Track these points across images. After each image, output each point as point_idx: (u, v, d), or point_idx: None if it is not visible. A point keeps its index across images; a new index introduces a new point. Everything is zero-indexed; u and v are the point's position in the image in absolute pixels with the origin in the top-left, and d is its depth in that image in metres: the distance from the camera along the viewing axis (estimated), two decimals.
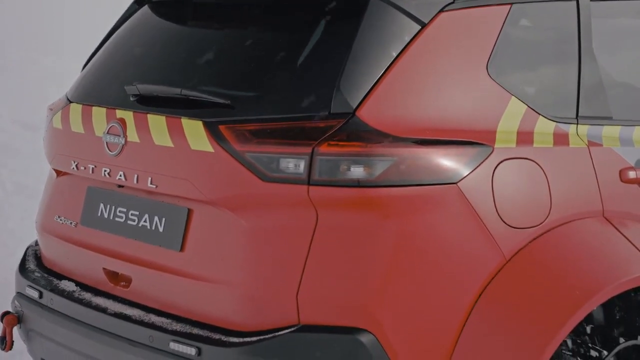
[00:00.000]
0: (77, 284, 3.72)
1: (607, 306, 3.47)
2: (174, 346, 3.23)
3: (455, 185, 3.17)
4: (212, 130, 3.23)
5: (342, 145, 3.09)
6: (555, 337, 3.15)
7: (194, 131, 3.27)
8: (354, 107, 3.13)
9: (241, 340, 3.14)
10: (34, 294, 3.77)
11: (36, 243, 4.17)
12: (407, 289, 3.11)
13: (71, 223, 3.79)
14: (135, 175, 3.45)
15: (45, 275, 3.87)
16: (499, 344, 3.18)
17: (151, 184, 3.40)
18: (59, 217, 3.86)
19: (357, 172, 3.09)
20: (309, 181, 3.10)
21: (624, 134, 3.67)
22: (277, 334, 3.10)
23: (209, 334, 3.21)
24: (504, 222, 3.24)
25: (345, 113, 3.13)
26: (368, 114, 3.14)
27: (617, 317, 3.48)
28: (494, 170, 3.24)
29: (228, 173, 3.20)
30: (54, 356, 3.78)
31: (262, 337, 3.12)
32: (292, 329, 3.10)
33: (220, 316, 3.24)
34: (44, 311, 3.72)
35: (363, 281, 3.08)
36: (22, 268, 3.97)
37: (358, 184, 3.08)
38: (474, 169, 3.20)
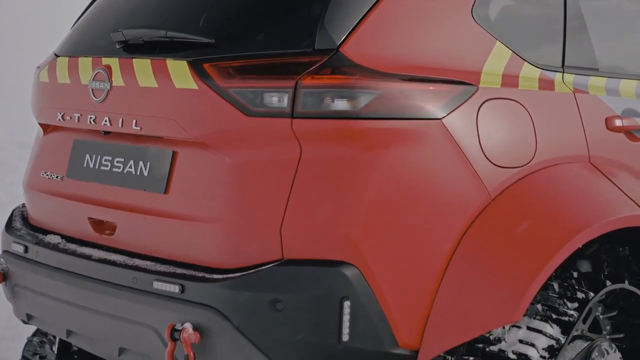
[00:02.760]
0: (63, 236, 3.70)
1: (593, 256, 3.46)
2: (158, 285, 3.21)
3: (439, 121, 3.16)
4: (197, 69, 3.23)
5: (325, 78, 3.09)
6: (540, 273, 3.13)
7: (179, 71, 3.28)
8: (338, 43, 3.14)
9: (224, 276, 3.12)
10: (19, 249, 3.76)
11: (23, 205, 4.16)
12: (391, 223, 3.10)
13: (57, 177, 3.78)
14: (120, 119, 3.45)
15: (31, 232, 3.85)
16: (483, 280, 3.16)
17: (136, 126, 3.39)
18: (45, 172, 3.85)
19: (340, 104, 3.08)
20: (292, 114, 3.10)
21: (610, 85, 3.69)
22: (260, 268, 3.08)
23: (193, 272, 3.19)
24: (489, 160, 3.23)
25: (329, 49, 3.13)
26: (352, 51, 3.14)
27: (605, 265, 3.47)
28: (479, 109, 3.24)
29: (212, 109, 3.20)
30: (38, 308, 3.75)
31: (245, 272, 3.10)
32: (276, 263, 3.08)
33: (204, 256, 3.22)
34: (29, 264, 3.70)
35: (346, 214, 3.07)
36: (8, 227, 3.96)
37: (341, 116, 3.07)
38: (458, 106, 3.20)
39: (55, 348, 4.40)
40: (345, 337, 3.04)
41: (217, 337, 3.10)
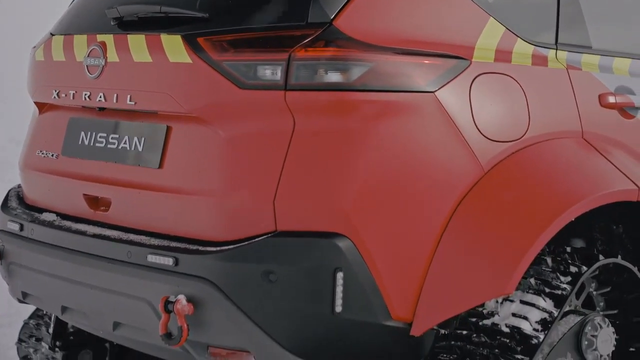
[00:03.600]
0: (58, 214, 3.72)
1: (587, 233, 3.47)
2: (152, 258, 3.22)
3: (432, 94, 3.18)
4: (191, 43, 3.25)
5: (319, 51, 3.11)
6: (532, 245, 3.14)
7: (173, 45, 3.29)
8: (331, 16, 3.15)
9: (218, 248, 3.13)
10: (15, 227, 3.77)
11: (19, 186, 4.17)
12: (384, 195, 3.11)
13: (52, 155, 3.80)
14: (115, 95, 3.46)
15: (27, 210, 3.86)
16: (476, 252, 3.17)
17: (130, 101, 3.41)
18: (40, 151, 3.87)
19: (333, 76, 3.10)
20: (285, 87, 3.11)
21: (603, 62, 3.70)
22: (253, 240, 3.09)
23: (186, 245, 3.20)
24: (481, 133, 3.24)
25: (322, 22, 3.15)
26: (345, 24, 3.15)
27: (598, 242, 3.48)
28: (472, 83, 3.25)
29: (206, 83, 3.21)
30: (34, 285, 3.76)
31: (238, 244, 3.11)
32: (269, 235, 3.09)
33: (198, 229, 3.23)
34: (24, 242, 3.71)
35: (339, 186, 3.08)
36: (4, 206, 3.97)
37: (334, 88, 3.09)
38: (452, 80, 3.22)
39: (51, 330, 4.41)
40: (339, 309, 3.05)
41: (210, 308, 3.11)
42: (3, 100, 12.57)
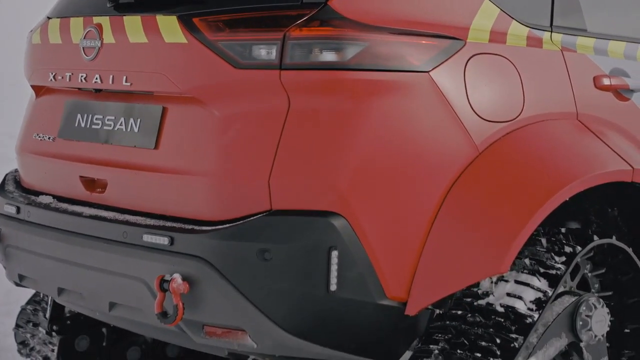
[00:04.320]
0: (55, 197, 3.73)
1: (582, 215, 3.48)
2: (147, 238, 3.23)
3: (427, 74, 3.19)
4: (186, 23, 3.26)
5: (313, 30, 3.12)
6: (527, 224, 3.14)
7: (168, 25, 3.30)
8: None
9: (213, 227, 3.13)
10: (12, 210, 3.78)
11: (16, 170, 4.18)
12: (378, 174, 3.12)
13: (49, 138, 3.81)
14: (111, 76, 3.47)
15: (24, 193, 3.87)
16: (471, 232, 3.18)
17: (126, 82, 3.42)
18: (37, 134, 3.88)
19: (328, 56, 3.11)
20: (280, 66, 3.12)
21: (598, 45, 3.71)
22: (248, 219, 3.10)
23: (182, 225, 3.21)
24: (476, 114, 3.25)
25: (318, 2, 3.16)
26: (340, 4, 3.16)
27: (593, 224, 3.49)
28: (466, 63, 3.26)
29: (201, 63, 3.22)
30: (30, 268, 3.77)
31: (233, 223, 3.12)
32: (264, 214, 3.10)
33: (193, 209, 3.24)
34: (21, 225, 3.72)
35: (334, 165, 3.09)
36: (1, 190, 3.98)
37: (329, 67, 3.09)
38: (446, 60, 3.23)
39: (48, 315, 4.43)
40: (333, 287, 3.06)
41: (205, 287, 3.12)
42: (2, 96, 12.59)
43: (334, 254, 3.05)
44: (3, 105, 11.84)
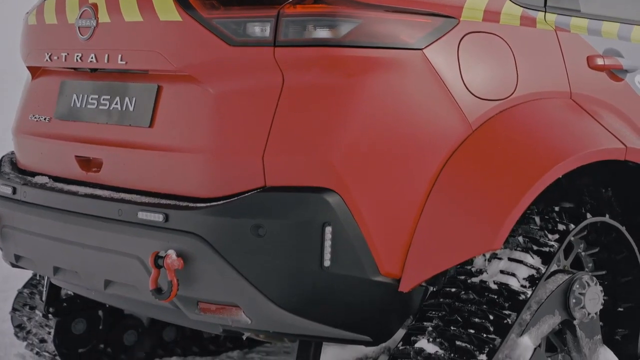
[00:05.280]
0: (50, 177, 3.74)
1: (576, 197, 3.50)
2: (142, 215, 3.24)
3: (420, 51, 3.20)
4: (181, 1, 3.28)
5: (307, 7, 3.13)
6: (520, 201, 3.15)
7: (163, 4, 3.32)
8: None
9: (207, 204, 3.15)
10: (8, 191, 3.79)
11: (12, 152, 4.19)
12: (372, 151, 3.13)
13: (45, 119, 3.82)
14: (106, 55, 3.48)
15: (20, 175, 3.89)
16: (464, 208, 3.19)
17: (121, 60, 3.43)
18: (33, 115, 3.89)
19: (322, 32, 3.12)
20: (274, 43, 3.14)
21: (591, 26, 3.72)
22: (242, 195, 3.11)
23: (177, 202, 3.22)
24: (469, 91, 3.26)
25: None
26: None
27: (587, 204, 3.50)
28: (460, 41, 3.28)
29: (196, 40, 3.24)
30: (27, 247, 3.78)
31: (228, 199, 3.13)
32: (258, 190, 3.11)
33: (188, 187, 3.25)
34: (17, 205, 3.73)
35: (327, 141, 3.10)
36: None
37: (323, 44, 3.11)
38: (440, 38, 3.24)
39: (44, 297, 4.44)
40: (327, 263, 3.07)
41: (200, 263, 3.13)
42: (3, 92, 12.61)
43: (328, 230, 3.06)
44: (3, 102, 11.87)
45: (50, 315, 4.45)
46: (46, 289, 4.40)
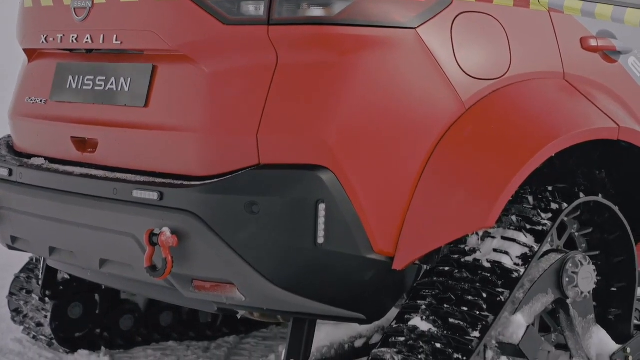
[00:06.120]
0: (46, 158, 3.76)
1: (570, 178, 3.51)
2: (137, 194, 3.25)
3: (413, 30, 3.22)
4: None
5: None
6: (512, 179, 3.17)
7: None
8: None
9: (202, 182, 3.16)
10: (4, 173, 3.80)
11: (8, 136, 4.21)
12: (366, 129, 3.14)
13: (41, 101, 3.84)
14: (102, 35, 3.50)
15: (16, 157, 3.90)
16: (457, 186, 3.21)
17: (116, 40, 3.45)
18: (29, 97, 3.91)
19: (316, 11, 3.13)
20: (268, 22, 3.15)
21: (585, 7, 3.73)
22: (236, 173, 3.12)
23: (171, 181, 3.24)
24: (463, 71, 3.28)
25: None
26: None
27: (581, 185, 3.52)
28: (454, 21, 3.29)
29: (191, 19, 3.25)
30: (22, 229, 3.80)
31: (222, 177, 3.14)
32: (252, 168, 3.12)
33: (183, 165, 3.27)
34: (13, 186, 3.75)
35: (321, 119, 3.12)
36: None
37: (317, 22, 3.12)
38: (433, 17, 3.26)
39: (40, 281, 4.46)
40: (321, 240, 3.08)
41: (194, 240, 3.14)
42: (1, 93, 12.62)
43: (322, 207, 3.07)
44: (3, 99, 11.87)
45: (46, 299, 4.46)
46: (43, 272, 4.41)
